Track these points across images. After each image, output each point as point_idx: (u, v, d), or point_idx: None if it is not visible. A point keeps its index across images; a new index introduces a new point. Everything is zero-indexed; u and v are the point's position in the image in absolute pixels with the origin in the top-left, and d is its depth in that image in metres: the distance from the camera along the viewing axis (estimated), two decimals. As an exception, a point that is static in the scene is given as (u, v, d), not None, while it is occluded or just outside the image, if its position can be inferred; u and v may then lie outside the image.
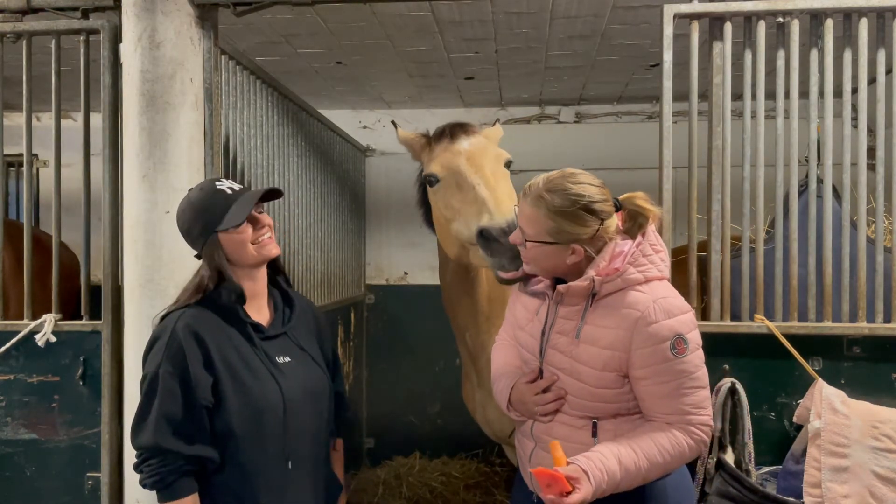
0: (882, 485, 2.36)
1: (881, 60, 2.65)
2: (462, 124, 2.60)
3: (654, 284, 1.85)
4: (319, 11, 3.40)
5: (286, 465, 1.97)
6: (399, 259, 5.60)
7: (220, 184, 2.02)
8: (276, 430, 1.95)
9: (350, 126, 5.33)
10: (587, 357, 1.85)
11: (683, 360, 1.78)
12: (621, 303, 1.83)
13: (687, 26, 2.69)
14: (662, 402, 1.81)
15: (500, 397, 2.06)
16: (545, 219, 1.82)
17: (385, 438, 5.57)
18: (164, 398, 1.86)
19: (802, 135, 2.69)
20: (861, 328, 2.58)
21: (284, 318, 2.11)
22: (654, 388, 1.81)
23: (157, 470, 1.85)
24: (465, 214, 2.38)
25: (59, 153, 2.90)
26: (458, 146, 2.51)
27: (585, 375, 1.85)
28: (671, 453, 1.79)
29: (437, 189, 2.51)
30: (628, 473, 1.74)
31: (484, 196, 2.32)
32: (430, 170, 2.54)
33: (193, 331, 1.91)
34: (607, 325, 1.83)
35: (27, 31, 2.82)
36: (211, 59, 2.68)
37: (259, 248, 2.00)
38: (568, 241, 1.83)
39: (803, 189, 2.76)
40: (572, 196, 1.81)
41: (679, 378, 1.79)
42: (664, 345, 1.77)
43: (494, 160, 2.51)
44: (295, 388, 2.00)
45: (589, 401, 1.86)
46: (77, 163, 2.87)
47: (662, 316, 1.79)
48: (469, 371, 2.99)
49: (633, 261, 1.84)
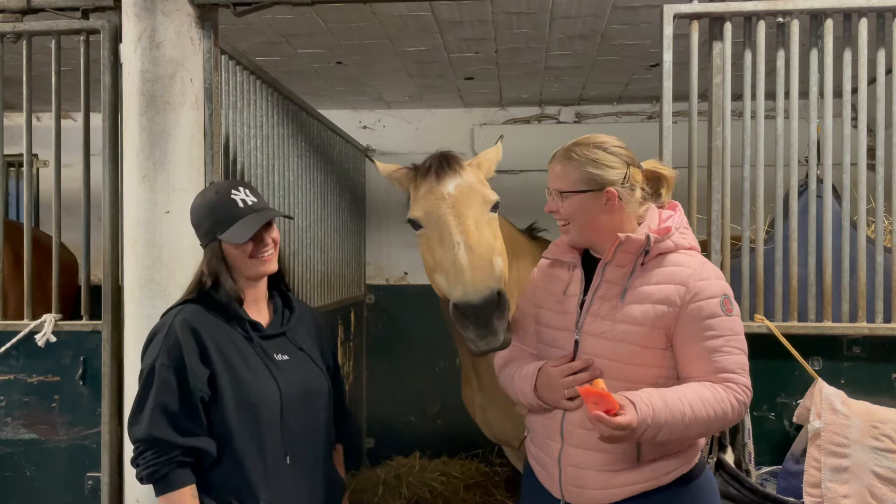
0: (882, 485, 2.36)
1: (881, 60, 2.65)
2: (449, 159, 2.41)
3: (694, 252, 1.94)
4: (319, 11, 3.40)
5: (284, 461, 1.98)
6: (399, 259, 5.60)
7: (237, 193, 2.02)
8: (272, 425, 1.96)
9: (350, 126, 5.33)
10: (635, 316, 1.85)
11: (731, 318, 1.84)
12: (671, 262, 1.88)
13: (687, 26, 2.69)
14: (706, 360, 1.82)
15: (523, 384, 1.98)
16: (574, 169, 1.91)
17: (385, 438, 5.57)
18: (159, 390, 1.87)
19: (802, 135, 2.70)
20: (861, 328, 2.58)
21: (284, 319, 2.13)
22: (699, 343, 1.82)
23: (153, 461, 1.85)
24: (445, 274, 2.23)
25: (59, 153, 2.90)
26: (443, 189, 2.32)
27: (632, 335, 1.85)
28: (714, 408, 1.77)
29: (421, 235, 2.36)
30: (672, 417, 1.73)
31: (462, 263, 2.15)
32: (413, 214, 2.37)
33: (191, 325, 1.92)
34: (659, 281, 1.86)
35: (27, 31, 2.82)
36: (211, 59, 2.68)
37: (257, 263, 2.02)
38: (601, 186, 1.89)
39: (803, 189, 2.76)
40: (594, 143, 1.94)
41: (726, 335, 1.82)
42: (715, 300, 1.82)
43: (481, 206, 2.33)
44: (292, 385, 2.01)
45: (632, 364, 1.85)
46: (77, 163, 2.87)
47: (712, 275, 1.87)
48: (469, 375, 2.97)
49: (679, 225, 1.93)
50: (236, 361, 1.95)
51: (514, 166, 5.17)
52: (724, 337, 1.82)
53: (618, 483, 1.85)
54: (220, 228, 1.98)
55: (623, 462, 1.84)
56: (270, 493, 1.94)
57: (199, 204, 2.06)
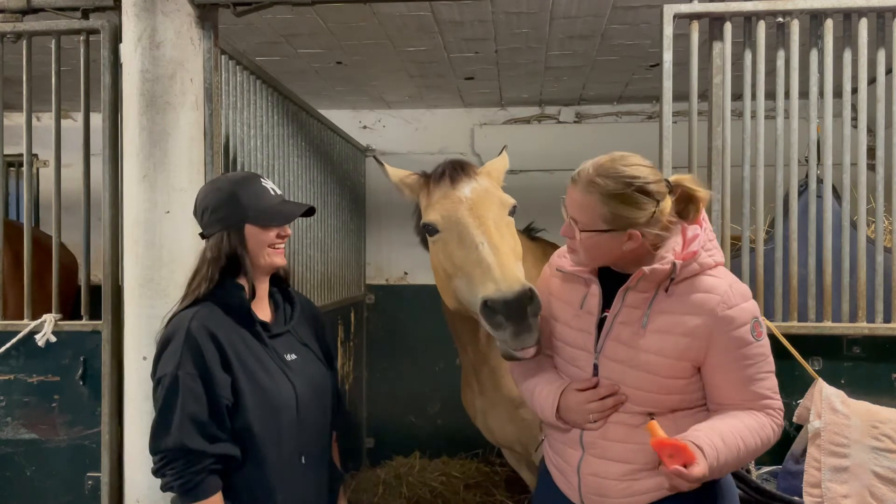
0: (882, 485, 2.36)
1: (881, 60, 2.65)
2: (463, 164, 2.37)
3: (720, 269, 1.83)
4: (319, 11, 3.40)
5: (300, 460, 1.99)
6: (399, 259, 5.60)
7: (265, 182, 2.05)
8: (291, 426, 1.97)
9: (350, 126, 5.33)
10: (659, 346, 1.77)
11: (761, 343, 1.78)
12: (696, 288, 1.78)
13: (687, 26, 2.69)
14: (742, 389, 1.78)
15: (544, 404, 1.93)
16: (599, 204, 1.73)
17: (385, 438, 5.57)
18: (186, 399, 1.84)
19: (802, 135, 2.70)
20: (861, 328, 2.58)
21: (286, 315, 2.13)
22: (734, 374, 1.77)
23: (185, 471, 1.83)
24: (468, 277, 2.14)
25: (59, 153, 2.90)
26: (460, 193, 2.28)
27: (656, 366, 1.78)
28: (760, 436, 1.75)
29: (437, 240, 2.29)
30: (730, 454, 1.69)
31: (489, 261, 2.09)
32: (428, 218, 2.30)
33: (210, 331, 1.89)
34: (685, 312, 1.77)
35: (27, 31, 2.82)
36: (211, 59, 2.68)
37: (272, 253, 2.02)
38: (625, 227, 1.74)
39: (803, 189, 2.76)
40: (626, 178, 1.72)
41: (758, 362, 1.77)
42: (745, 328, 1.75)
43: (499, 209, 2.29)
44: (305, 386, 2.02)
45: (654, 392, 1.80)
46: (77, 163, 2.87)
47: (740, 299, 1.77)
48: (470, 379, 2.92)
49: (704, 244, 1.80)
50: (254, 366, 1.95)
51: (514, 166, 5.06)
52: (757, 364, 1.77)
53: (639, 490, 1.83)
54: (250, 212, 1.96)
55: (644, 470, 1.81)
56: (286, 493, 1.96)
57: (223, 187, 2.00)
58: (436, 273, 2.39)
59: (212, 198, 2.00)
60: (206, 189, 2.06)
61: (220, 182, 2.06)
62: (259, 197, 2.00)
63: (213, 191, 2.02)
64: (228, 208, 1.97)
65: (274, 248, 2.02)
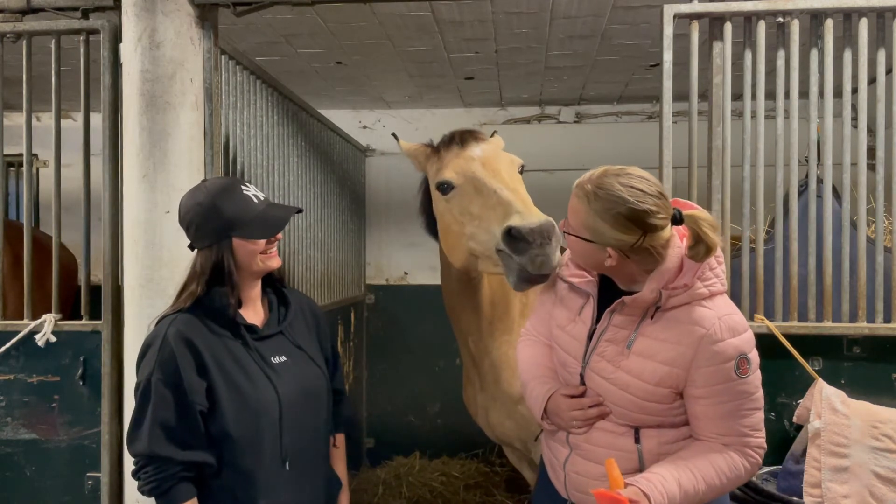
0: (882, 485, 2.36)
1: (881, 60, 2.65)
2: (470, 130, 2.51)
3: (717, 299, 1.78)
4: (319, 11, 3.40)
5: (283, 466, 1.96)
6: (399, 259, 5.60)
7: (247, 189, 2.00)
8: (272, 431, 1.95)
9: (350, 126, 5.33)
10: (639, 370, 1.78)
11: (746, 380, 1.72)
12: (685, 318, 1.74)
13: (687, 26, 2.69)
14: (720, 423, 1.75)
15: (534, 405, 1.99)
16: (585, 215, 1.75)
17: (385, 438, 5.57)
18: (157, 405, 1.85)
19: (802, 135, 2.70)
20: (861, 328, 2.58)
21: (280, 316, 2.11)
22: (712, 408, 1.74)
23: (154, 477, 1.85)
24: (487, 219, 2.25)
25: (59, 153, 2.90)
26: (471, 152, 2.40)
27: (634, 388, 1.78)
28: (728, 476, 1.74)
29: (452, 196, 2.38)
30: (687, 496, 1.70)
31: (509, 198, 2.22)
32: (442, 177, 2.40)
33: (185, 337, 1.89)
34: (667, 340, 1.75)
35: (27, 31, 2.82)
36: (211, 59, 2.68)
37: (265, 258, 2.01)
38: (604, 244, 1.75)
39: (803, 189, 2.76)
40: (614, 198, 1.70)
41: (739, 399, 1.73)
42: (728, 364, 1.71)
43: (509, 165, 2.42)
44: (291, 388, 1.99)
45: (634, 412, 1.80)
46: (77, 163, 2.87)
47: (728, 334, 1.72)
48: (471, 375, 2.95)
49: (700, 275, 1.76)
50: (233, 370, 1.93)
51: (514, 166, 5.16)
52: (735, 402, 1.73)
53: None
54: (235, 226, 1.93)
55: (625, 475, 1.80)
56: (269, 499, 1.93)
57: (204, 202, 1.95)
58: (446, 233, 2.48)
59: (194, 213, 1.96)
60: (188, 203, 1.99)
61: (199, 195, 1.97)
62: (243, 207, 1.95)
63: (195, 206, 1.96)
64: (213, 223, 1.94)
65: (266, 253, 2.01)
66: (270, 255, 2.02)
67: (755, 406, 1.76)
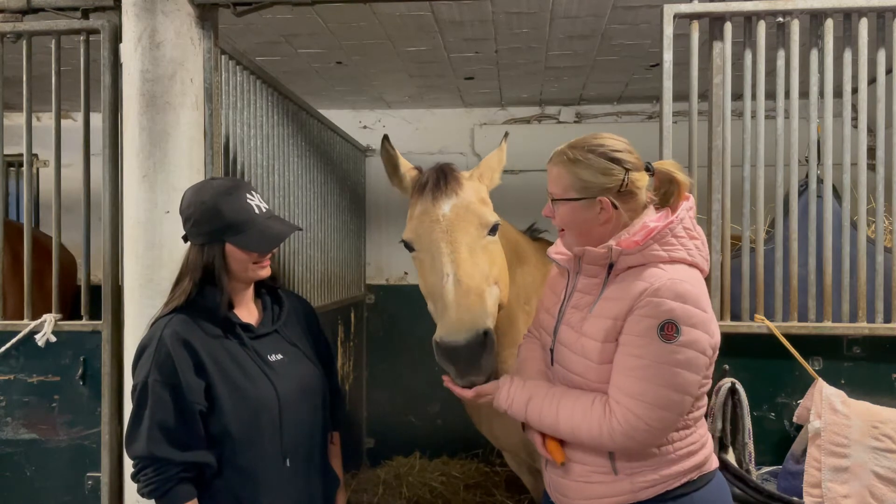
0: (882, 485, 2.36)
1: (881, 60, 2.65)
2: (447, 175, 2.28)
3: (679, 267, 1.76)
4: (319, 11, 3.40)
5: (284, 463, 1.97)
6: (399, 259, 5.60)
7: (251, 198, 2.00)
8: (272, 429, 1.95)
9: (350, 126, 5.33)
10: (593, 330, 1.78)
11: (665, 346, 1.66)
12: (640, 276, 1.75)
13: (687, 26, 2.69)
14: (617, 374, 1.73)
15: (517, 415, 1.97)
16: (568, 174, 1.82)
17: (385, 438, 5.57)
18: (154, 407, 1.85)
19: (802, 135, 2.70)
20: (861, 328, 2.58)
21: (274, 315, 2.12)
22: (620, 357, 1.73)
23: (153, 478, 1.85)
24: (433, 304, 2.17)
25: (59, 153, 2.90)
26: (438, 210, 2.21)
27: (590, 350, 1.78)
28: (585, 418, 1.75)
29: (415, 257, 2.31)
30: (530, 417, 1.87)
31: (447, 300, 2.05)
32: (406, 235, 2.30)
33: (181, 337, 1.89)
34: (618, 298, 1.76)
35: (27, 31, 2.82)
36: (211, 59, 2.68)
37: (256, 268, 2.02)
38: (594, 195, 1.79)
39: (803, 189, 2.76)
40: (592, 146, 1.82)
41: (645, 360, 1.68)
42: (653, 321, 1.67)
43: (477, 230, 2.20)
44: (289, 386, 2.00)
45: (594, 381, 1.79)
46: (77, 163, 2.87)
47: (669, 294, 1.68)
48: None
49: (660, 238, 1.76)
50: (231, 369, 1.93)
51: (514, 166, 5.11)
52: (641, 360, 1.68)
53: (594, 494, 1.83)
54: (232, 232, 1.94)
55: (597, 474, 1.82)
56: (271, 497, 1.94)
57: (206, 201, 1.95)
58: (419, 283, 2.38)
59: (195, 210, 1.97)
60: (191, 198, 2.00)
61: (205, 193, 1.98)
62: (244, 216, 1.95)
63: (198, 203, 1.97)
64: (211, 224, 1.94)
65: (258, 263, 2.01)
66: (262, 266, 2.03)
67: (662, 383, 1.68)
